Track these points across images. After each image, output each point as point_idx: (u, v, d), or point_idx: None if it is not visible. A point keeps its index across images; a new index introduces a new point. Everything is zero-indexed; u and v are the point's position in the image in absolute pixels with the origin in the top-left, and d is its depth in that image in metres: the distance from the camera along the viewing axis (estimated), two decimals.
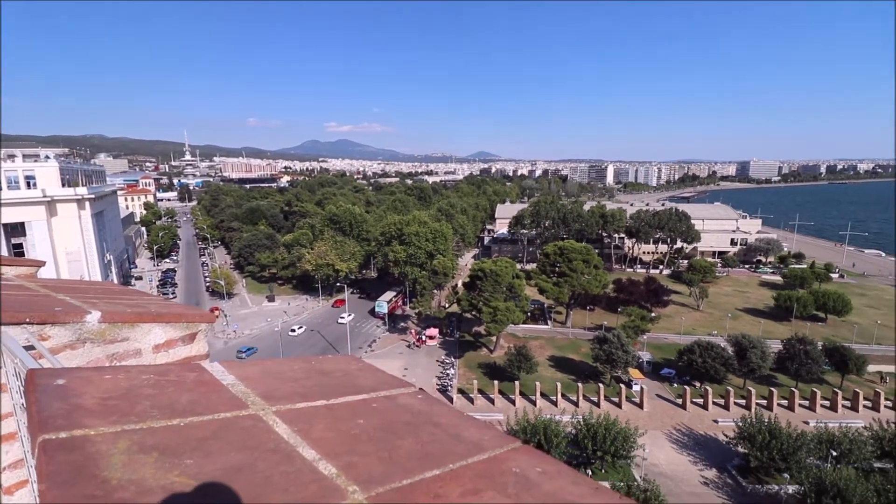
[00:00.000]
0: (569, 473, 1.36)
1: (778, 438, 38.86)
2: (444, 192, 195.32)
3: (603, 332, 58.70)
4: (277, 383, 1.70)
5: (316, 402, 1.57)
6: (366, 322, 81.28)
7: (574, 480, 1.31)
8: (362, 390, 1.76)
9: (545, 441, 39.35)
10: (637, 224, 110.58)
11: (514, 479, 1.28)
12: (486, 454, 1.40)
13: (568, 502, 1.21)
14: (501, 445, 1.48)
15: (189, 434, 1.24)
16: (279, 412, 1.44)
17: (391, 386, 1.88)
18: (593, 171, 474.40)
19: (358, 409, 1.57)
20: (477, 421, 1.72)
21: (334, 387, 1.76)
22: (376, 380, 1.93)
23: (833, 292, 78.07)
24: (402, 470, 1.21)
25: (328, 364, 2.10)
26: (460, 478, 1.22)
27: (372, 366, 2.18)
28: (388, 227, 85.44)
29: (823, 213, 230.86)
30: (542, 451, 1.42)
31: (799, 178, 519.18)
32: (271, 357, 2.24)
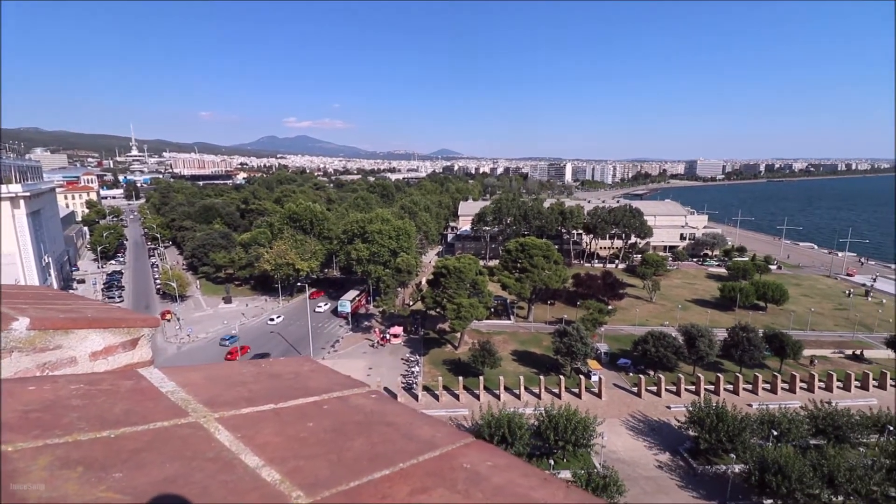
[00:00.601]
0: (519, 466, 1.38)
1: (724, 421, 41.29)
2: (408, 189, 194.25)
3: (563, 326, 60.37)
4: (222, 389, 1.66)
5: (263, 407, 1.54)
6: (328, 322, 79.83)
7: (524, 473, 1.34)
8: (314, 392, 1.73)
9: (509, 434, 40.06)
10: (594, 220, 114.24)
11: (465, 474, 1.29)
12: (437, 451, 1.40)
13: (516, 494, 1.22)
14: (454, 442, 1.49)
15: (120, 446, 1.18)
16: (222, 419, 1.41)
17: (344, 387, 1.86)
18: (552, 170, 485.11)
19: (308, 412, 1.55)
20: (430, 418, 1.75)
21: (284, 390, 1.73)
22: (329, 381, 1.91)
23: (772, 283, 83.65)
24: (351, 472, 1.20)
25: (279, 367, 2.06)
26: (410, 476, 1.22)
27: (325, 367, 2.17)
28: (350, 225, 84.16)
29: (763, 209, 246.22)
30: (494, 446, 1.50)
31: (741, 177, 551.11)
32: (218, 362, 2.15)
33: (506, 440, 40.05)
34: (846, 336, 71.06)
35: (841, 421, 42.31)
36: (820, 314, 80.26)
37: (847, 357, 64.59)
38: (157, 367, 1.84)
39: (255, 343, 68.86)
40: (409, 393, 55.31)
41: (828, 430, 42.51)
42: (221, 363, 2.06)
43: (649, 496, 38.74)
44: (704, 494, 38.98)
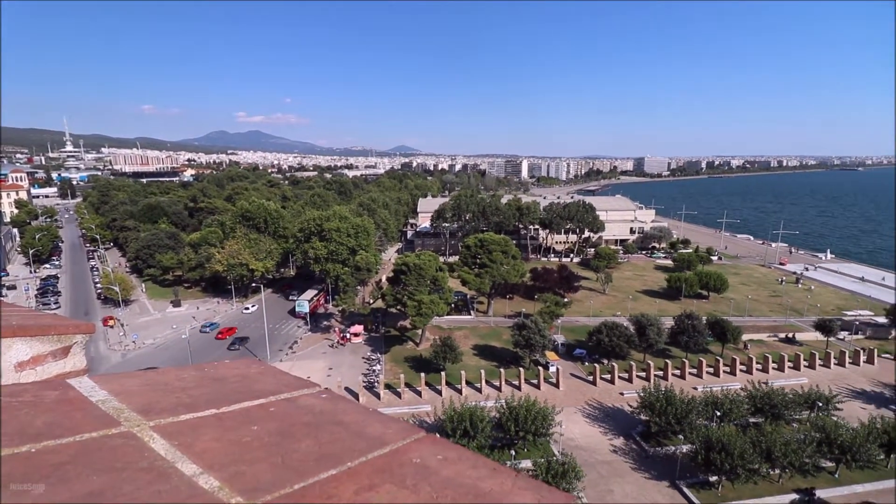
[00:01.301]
0: (469, 458, 1.43)
1: (673, 404, 43.66)
2: (366, 186, 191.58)
3: (522, 319, 61.70)
4: (159, 395, 1.61)
5: (204, 412, 1.51)
6: (286, 323, 77.68)
7: (473, 464, 1.37)
8: (260, 395, 1.71)
9: (471, 427, 40.58)
10: (550, 216, 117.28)
11: (414, 469, 1.30)
12: (387, 448, 1.41)
13: (465, 485, 1.24)
14: (405, 437, 1.53)
15: (42, 460, 1.11)
16: (158, 427, 1.37)
17: (294, 387, 1.84)
18: (509, 166, 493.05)
19: (253, 415, 1.54)
20: (382, 416, 1.78)
21: (228, 393, 1.70)
22: (278, 382, 1.88)
23: (713, 273, 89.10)
24: (296, 473, 1.19)
25: (224, 370, 2.02)
26: (358, 475, 1.22)
27: (274, 368, 2.13)
28: (306, 222, 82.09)
29: (705, 203, 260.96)
30: (445, 439, 1.56)
31: (684, 173, 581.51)
32: (161, 367, 1.83)
33: (468, 434, 40.55)
34: (780, 321, 76.85)
35: (776, 400, 45.69)
36: (756, 301, 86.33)
37: (781, 340, 69.86)
38: (90, 376, 1.78)
39: (202, 353, 65.58)
40: (371, 392, 54.86)
41: (765, 408, 45.80)
42: (161, 369, 1.97)
43: (605, 480, 40.42)
44: (656, 475, 41.11)
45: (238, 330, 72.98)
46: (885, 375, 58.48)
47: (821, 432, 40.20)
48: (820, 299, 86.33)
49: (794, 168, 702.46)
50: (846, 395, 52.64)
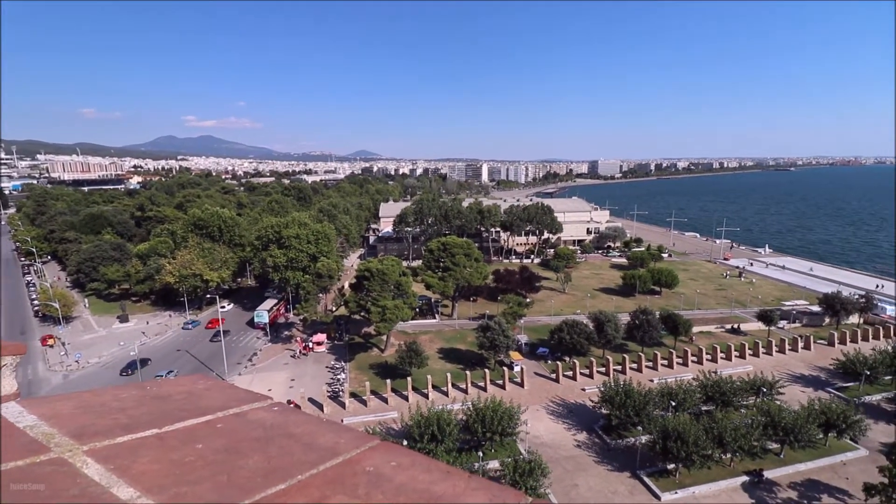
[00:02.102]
0: (422, 462, 1.43)
1: (631, 397, 45.28)
2: (326, 191, 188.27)
3: (486, 321, 62.31)
4: (94, 417, 1.53)
5: (144, 433, 1.45)
6: (244, 334, 74.92)
7: (427, 468, 1.38)
8: (207, 411, 1.65)
9: (438, 431, 40.49)
10: (510, 218, 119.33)
11: (367, 478, 1.29)
12: (340, 458, 1.40)
13: (417, 490, 1.24)
14: (358, 446, 1.50)
15: None
16: (92, 451, 1.30)
17: (243, 402, 1.80)
18: (470, 170, 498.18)
19: (198, 433, 1.49)
20: (336, 425, 1.73)
21: (171, 412, 1.64)
22: (226, 397, 1.84)
23: (665, 269, 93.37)
24: (242, 491, 1.16)
25: (168, 387, 1.94)
26: (308, 487, 1.20)
27: (223, 383, 2.08)
28: (264, 230, 79.66)
29: (654, 203, 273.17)
30: (400, 445, 1.57)
31: (635, 175, 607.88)
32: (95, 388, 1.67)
33: (436, 438, 40.44)
34: (726, 313, 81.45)
35: (725, 387, 48.32)
36: (704, 295, 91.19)
37: (727, 331, 74.03)
38: (19, 401, 1.67)
39: (150, 368, 62.03)
40: (336, 401, 53.75)
41: (715, 396, 48.32)
42: (97, 389, 1.88)
43: (570, 474, 41.38)
44: (617, 466, 42.49)
45: (191, 343, 69.78)
46: (820, 360, 63.11)
47: (766, 416, 42.79)
48: (761, 291, 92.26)
49: (733, 169, 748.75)
50: (787, 380, 56.36)
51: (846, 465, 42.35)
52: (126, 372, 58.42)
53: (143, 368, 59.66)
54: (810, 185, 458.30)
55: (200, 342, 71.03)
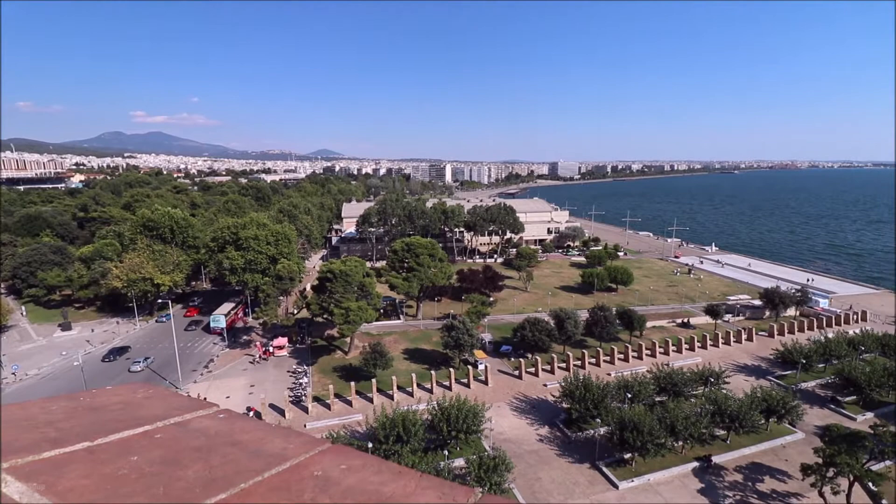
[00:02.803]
0: (373, 464, 1.47)
1: (590, 391, 46.92)
2: (286, 191, 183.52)
3: (450, 320, 62.78)
4: (19, 432, 1.45)
5: (73, 447, 1.38)
6: (199, 340, 72.05)
7: (377, 470, 1.42)
8: (145, 421, 1.60)
9: (404, 432, 40.53)
10: (474, 218, 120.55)
11: (314, 482, 1.29)
12: (288, 464, 1.39)
13: (366, 492, 1.25)
14: (307, 451, 1.51)
15: None
16: (13, 468, 1.24)
17: (186, 410, 1.75)
18: (433, 170, 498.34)
19: (133, 445, 1.44)
20: (285, 430, 1.75)
21: (105, 423, 1.57)
22: (167, 406, 1.79)
23: (621, 267, 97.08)
24: (178, 503, 1.15)
25: (103, 397, 1.86)
26: (251, 495, 1.19)
27: (166, 391, 1.99)
28: (220, 231, 76.87)
29: (611, 203, 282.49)
30: (351, 447, 1.68)
31: (593, 176, 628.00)
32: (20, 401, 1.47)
33: (401, 439, 40.48)
34: (677, 308, 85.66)
35: (677, 379, 50.96)
36: (657, 291, 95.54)
37: (678, 325, 77.90)
38: None
39: (98, 378, 58.93)
40: (299, 406, 52.70)
41: (668, 387, 50.84)
42: (24, 402, 1.77)
43: (533, 468, 42.46)
44: (578, 458, 43.96)
45: (144, 350, 66.44)
46: (762, 350, 67.56)
47: (714, 405, 45.43)
48: (708, 287, 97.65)
49: (683, 171, 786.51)
50: (732, 370, 60.05)
51: (786, 448, 45.61)
52: (108, 358, 63.79)
53: (122, 355, 65.08)
54: (752, 187, 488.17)
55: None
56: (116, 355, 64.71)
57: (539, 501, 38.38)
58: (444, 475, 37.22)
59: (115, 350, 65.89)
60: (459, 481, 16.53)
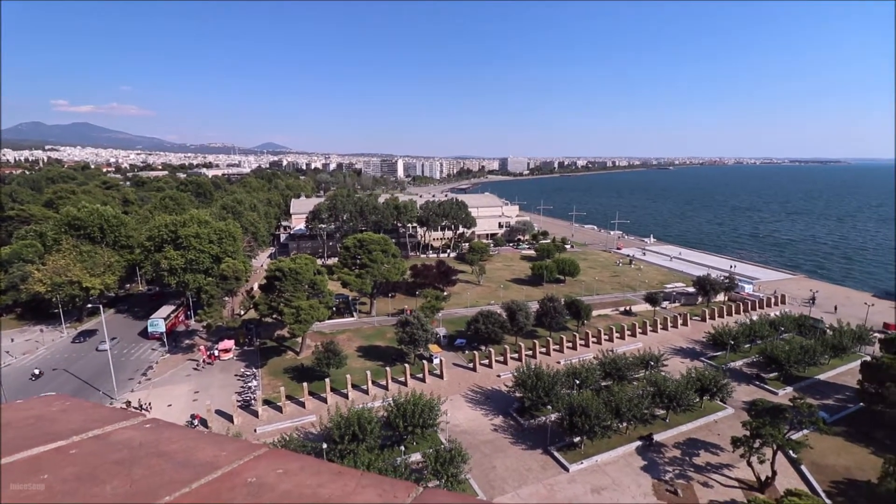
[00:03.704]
0: (312, 465, 1.45)
1: (542, 379, 48.55)
2: (229, 187, 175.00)
3: (405, 316, 62.72)
4: None
5: None
6: (136, 347, 67.61)
7: (316, 471, 1.40)
8: (58, 436, 1.49)
9: (359, 431, 40.15)
10: (426, 214, 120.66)
11: (247, 490, 1.25)
12: (219, 472, 1.35)
13: (303, 495, 1.23)
14: (241, 457, 1.47)
15: None
16: None
17: (107, 421, 1.65)
18: (385, 165, 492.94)
19: (44, 462, 1.34)
20: (218, 437, 1.67)
21: (12, 441, 1.46)
22: (86, 418, 1.68)
23: (568, 259, 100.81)
24: None
25: (12, 413, 1.72)
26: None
27: (85, 402, 1.88)
28: (157, 229, 72.32)
29: (558, 198, 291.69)
30: (289, 451, 1.64)
31: (541, 172, 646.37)
32: None
33: (357, 438, 40.10)
34: (619, 297, 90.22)
35: (621, 364, 53.79)
36: (601, 281, 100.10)
37: (621, 313, 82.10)
38: None
39: (22, 395, 54.26)
40: (248, 410, 50.81)
41: (613, 372, 53.56)
42: None
43: (488, 458, 43.48)
44: (531, 445, 45.47)
45: (70, 361, 61.45)
46: (695, 334, 72.58)
47: (654, 386, 48.40)
48: (647, 276, 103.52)
49: (624, 167, 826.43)
50: (670, 353, 64.21)
51: (718, 423, 49.41)
52: (78, 339, 67.08)
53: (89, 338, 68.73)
54: (685, 182, 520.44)
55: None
56: (86, 337, 68.33)
57: (494, 489, 39.39)
58: (400, 471, 37.33)
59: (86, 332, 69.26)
60: (416, 476, 16.73)
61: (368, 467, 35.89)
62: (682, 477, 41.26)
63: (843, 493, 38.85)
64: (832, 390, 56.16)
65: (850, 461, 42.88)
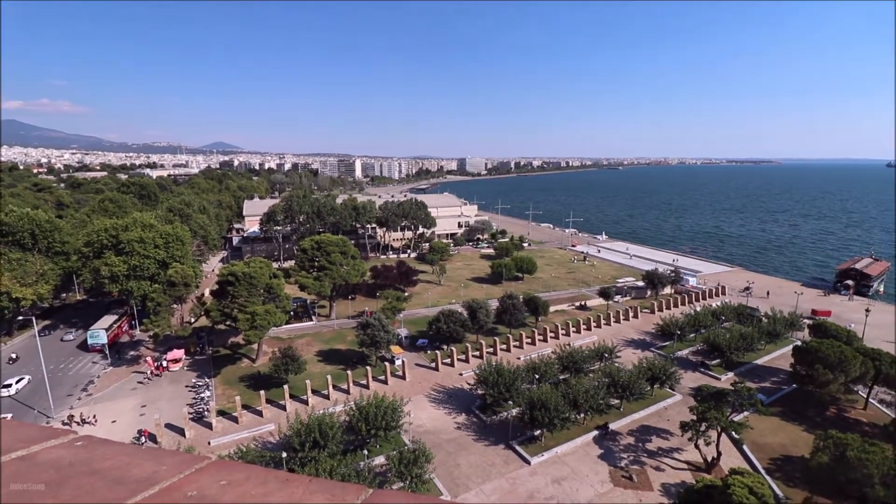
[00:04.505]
0: (258, 475, 1.42)
1: (503, 376, 49.41)
2: (176, 188, 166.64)
3: (365, 318, 62.00)
4: None
5: None
6: (75, 360, 63.13)
7: (263, 480, 1.37)
8: None
9: (320, 437, 39.36)
10: (386, 214, 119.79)
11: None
12: (157, 487, 1.29)
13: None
14: (182, 470, 1.41)
15: None
16: None
17: (33, 441, 1.56)
18: (342, 165, 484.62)
19: None
20: (157, 451, 1.61)
21: None
22: (9, 438, 1.58)
23: (526, 257, 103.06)
24: None
25: None
26: None
27: (9, 421, 1.81)
28: (96, 234, 67.74)
29: (515, 197, 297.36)
30: (235, 461, 1.62)
31: (498, 172, 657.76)
32: None
33: (318, 444, 39.29)
34: (575, 292, 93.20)
35: (577, 357, 55.57)
36: (558, 278, 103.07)
37: (577, 308, 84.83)
38: None
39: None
40: (201, 423, 48.60)
41: (570, 365, 55.24)
42: None
43: (452, 456, 43.79)
44: (494, 440, 46.18)
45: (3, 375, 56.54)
46: (645, 325, 76.11)
47: (609, 377, 50.37)
48: (601, 272, 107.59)
49: (577, 168, 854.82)
50: (622, 344, 67.02)
51: (667, 410, 52.08)
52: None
53: None
54: (633, 181, 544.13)
55: (30, 363, 57.56)
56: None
57: (459, 487, 39.73)
58: (364, 475, 36.93)
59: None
60: (380, 479, 16.54)
61: (331, 474, 35.29)
62: (636, 462, 43.22)
63: (780, 469, 41.98)
64: (768, 374, 60.51)
65: (785, 439, 46.39)
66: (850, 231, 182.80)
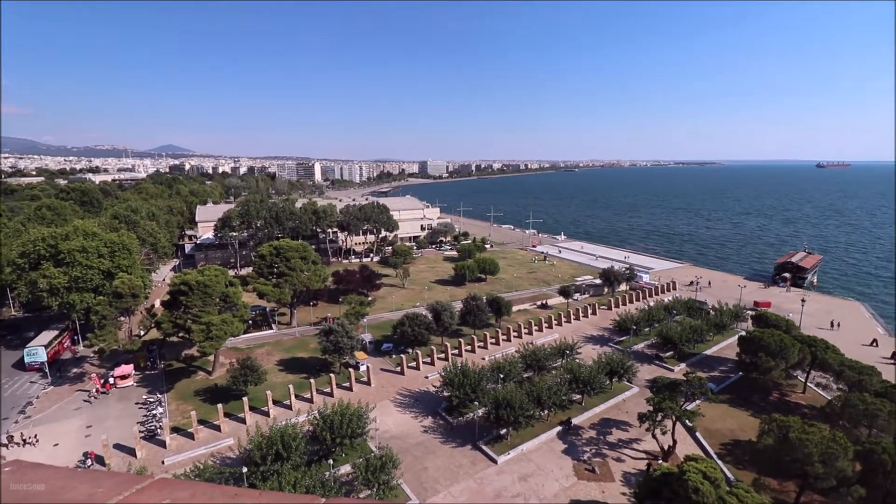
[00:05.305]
0: (205, 491, 1.38)
1: (468, 377, 49.71)
2: (122, 194, 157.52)
3: (328, 324, 60.78)
4: None
5: None
6: (10, 380, 58.40)
7: (209, 497, 1.34)
8: None
9: (283, 449, 38.20)
10: (347, 218, 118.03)
11: None
12: None
13: None
14: (122, 492, 1.36)
15: None
16: None
17: None
18: (301, 169, 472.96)
19: None
20: (95, 473, 1.55)
21: None
22: None
23: (488, 259, 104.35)
24: None
25: None
26: None
27: None
28: (32, 244, 63.05)
29: (477, 200, 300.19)
30: (179, 479, 1.62)
31: (460, 174, 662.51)
32: None
33: (281, 456, 38.14)
34: (536, 291, 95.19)
35: (540, 355, 56.65)
36: (519, 278, 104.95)
37: (538, 307, 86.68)
38: None
39: None
40: (153, 441, 46.11)
41: (533, 363, 56.20)
42: None
43: (419, 460, 43.61)
44: (461, 442, 46.35)
45: None
46: (603, 322, 78.72)
47: (570, 373, 51.70)
48: (560, 271, 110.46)
49: (535, 170, 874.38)
50: (582, 341, 68.96)
51: (626, 402, 54.05)
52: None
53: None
54: (589, 183, 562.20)
55: None
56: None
57: (427, 490, 39.63)
58: (329, 485, 36.14)
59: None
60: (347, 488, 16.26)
61: (295, 486, 34.33)
62: (598, 455, 44.59)
63: (730, 453, 44.47)
64: (717, 363, 64.00)
65: (734, 424, 49.19)
66: (786, 227, 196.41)
